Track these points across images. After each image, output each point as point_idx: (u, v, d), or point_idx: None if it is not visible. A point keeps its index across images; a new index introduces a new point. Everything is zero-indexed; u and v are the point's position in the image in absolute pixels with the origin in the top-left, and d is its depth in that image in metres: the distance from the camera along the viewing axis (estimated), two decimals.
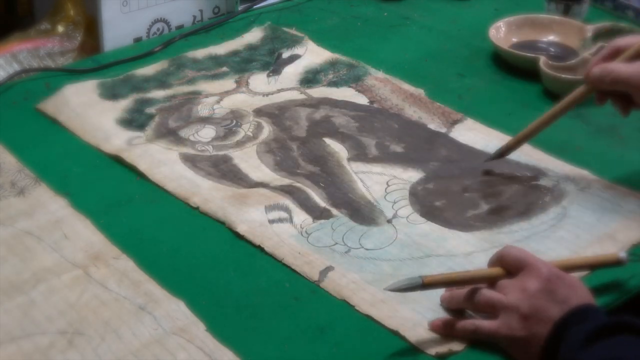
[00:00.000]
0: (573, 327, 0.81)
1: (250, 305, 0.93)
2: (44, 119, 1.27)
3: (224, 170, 1.15)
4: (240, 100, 1.31)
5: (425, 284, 0.87)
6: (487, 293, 0.87)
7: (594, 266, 0.94)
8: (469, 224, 1.05)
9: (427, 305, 0.92)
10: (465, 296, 0.89)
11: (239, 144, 1.21)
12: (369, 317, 0.91)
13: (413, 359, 0.87)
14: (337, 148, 1.19)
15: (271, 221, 1.04)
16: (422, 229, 1.04)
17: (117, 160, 1.17)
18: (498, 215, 1.06)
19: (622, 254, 0.93)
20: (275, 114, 1.27)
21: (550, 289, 0.84)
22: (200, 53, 1.44)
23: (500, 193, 1.10)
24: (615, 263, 0.93)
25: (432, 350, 0.87)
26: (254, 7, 1.60)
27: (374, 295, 0.93)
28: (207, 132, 1.23)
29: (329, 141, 1.21)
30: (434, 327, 0.89)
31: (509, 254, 0.89)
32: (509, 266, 0.88)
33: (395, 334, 0.89)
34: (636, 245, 1.00)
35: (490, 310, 0.86)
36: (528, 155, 1.16)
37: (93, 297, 0.93)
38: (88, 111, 1.27)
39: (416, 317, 0.90)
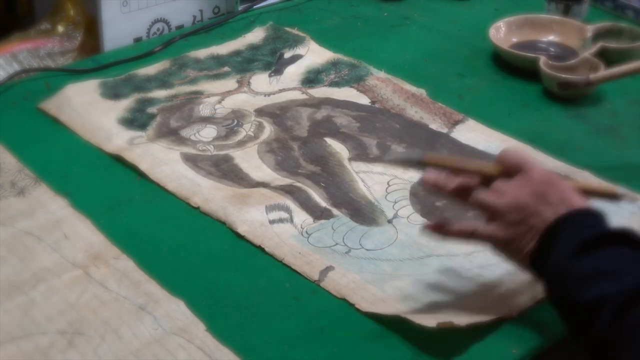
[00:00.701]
0: (563, 233, 0.81)
1: (250, 305, 0.93)
2: (44, 119, 1.27)
3: (225, 170, 1.15)
4: (241, 100, 1.31)
5: (425, 161, 0.87)
6: (481, 195, 0.87)
7: (590, 193, 0.92)
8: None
9: (428, 306, 0.91)
10: (453, 189, 0.88)
11: (240, 143, 1.21)
12: (368, 316, 0.91)
13: (413, 359, 0.87)
14: (338, 148, 1.19)
15: (272, 221, 1.04)
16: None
17: (118, 160, 1.17)
18: None
19: (621, 190, 0.92)
20: (277, 113, 1.27)
21: (542, 191, 0.84)
22: (202, 53, 1.44)
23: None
24: (612, 196, 0.92)
25: (433, 322, 0.86)
26: (254, 7, 1.60)
27: (374, 294, 0.93)
28: (209, 132, 1.23)
29: (330, 141, 1.21)
30: (427, 227, 0.89)
31: (507, 155, 0.88)
32: (507, 167, 0.88)
33: (395, 318, 0.88)
34: None
35: (483, 211, 0.86)
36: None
37: (93, 297, 0.93)
38: (90, 111, 1.27)
39: (415, 313, 0.90)
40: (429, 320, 0.87)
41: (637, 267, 0.77)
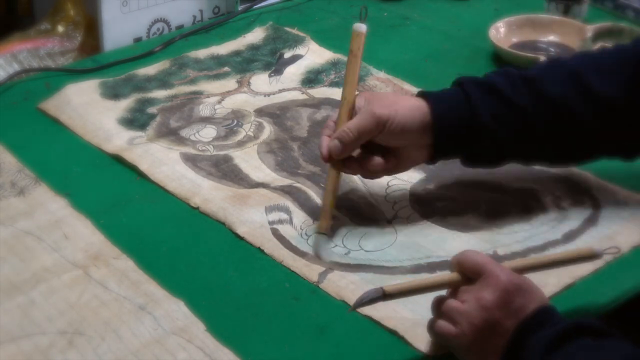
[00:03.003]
0: (532, 336, 0.79)
1: (250, 305, 0.93)
2: (44, 119, 1.27)
3: (225, 170, 1.15)
4: (241, 101, 1.31)
5: (387, 295, 0.84)
6: (448, 302, 0.85)
7: (568, 261, 0.91)
8: (469, 224, 1.05)
9: (427, 306, 0.91)
10: (433, 304, 0.87)
11: (240, 144, 1.21)
12: (368, 318, 0.91)
13: (412, 359, 0.87)
14: None
15: (271, 222, 1.04)
16: (422, 229, 1.04)
17: (118, 160, 1.17)
18: (498, 215, 1.06)
19: (597, 248, 0.89)
20: (277, 114, 1.27)
21: (506, 300, 0.81)
22: (202, 53, 1.44)
23: (500, 194, 1.10)
24: (591, 257, 0.89)
25: (430, 349, 0.86)
26: (254, 7, 1.60)
27: None
28: (208, 132, 1.23)
29: None
30: (427, 325, 0.87)
31: (467, 259, 0.85)
32: (468, 272, 0.85)
33: (394, 333, 0.89)
34: (636, 247, 1.00)
35: (450, 319, 0.84)
36: None
37: (93, 297, 0.93)
38: (89, 111, 1.27)
39: (415, 317, 0.90)
40: (425, 344, 0.87)
41: (601, 356, 0.76)
